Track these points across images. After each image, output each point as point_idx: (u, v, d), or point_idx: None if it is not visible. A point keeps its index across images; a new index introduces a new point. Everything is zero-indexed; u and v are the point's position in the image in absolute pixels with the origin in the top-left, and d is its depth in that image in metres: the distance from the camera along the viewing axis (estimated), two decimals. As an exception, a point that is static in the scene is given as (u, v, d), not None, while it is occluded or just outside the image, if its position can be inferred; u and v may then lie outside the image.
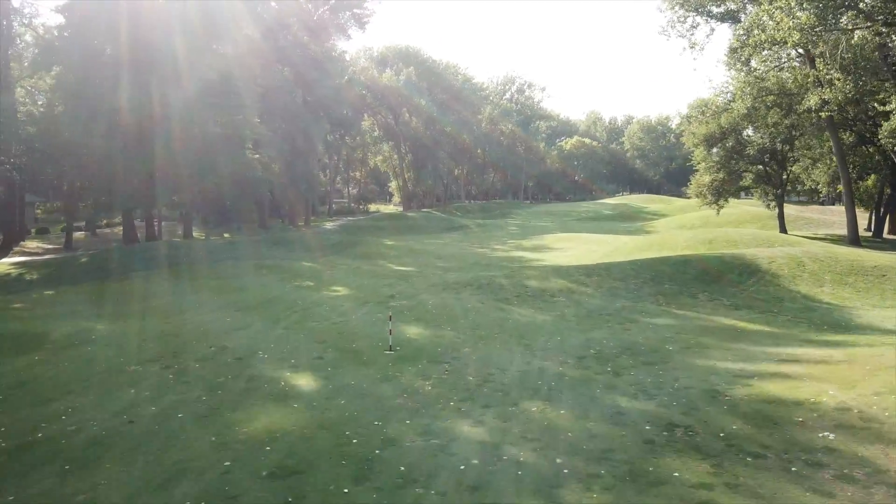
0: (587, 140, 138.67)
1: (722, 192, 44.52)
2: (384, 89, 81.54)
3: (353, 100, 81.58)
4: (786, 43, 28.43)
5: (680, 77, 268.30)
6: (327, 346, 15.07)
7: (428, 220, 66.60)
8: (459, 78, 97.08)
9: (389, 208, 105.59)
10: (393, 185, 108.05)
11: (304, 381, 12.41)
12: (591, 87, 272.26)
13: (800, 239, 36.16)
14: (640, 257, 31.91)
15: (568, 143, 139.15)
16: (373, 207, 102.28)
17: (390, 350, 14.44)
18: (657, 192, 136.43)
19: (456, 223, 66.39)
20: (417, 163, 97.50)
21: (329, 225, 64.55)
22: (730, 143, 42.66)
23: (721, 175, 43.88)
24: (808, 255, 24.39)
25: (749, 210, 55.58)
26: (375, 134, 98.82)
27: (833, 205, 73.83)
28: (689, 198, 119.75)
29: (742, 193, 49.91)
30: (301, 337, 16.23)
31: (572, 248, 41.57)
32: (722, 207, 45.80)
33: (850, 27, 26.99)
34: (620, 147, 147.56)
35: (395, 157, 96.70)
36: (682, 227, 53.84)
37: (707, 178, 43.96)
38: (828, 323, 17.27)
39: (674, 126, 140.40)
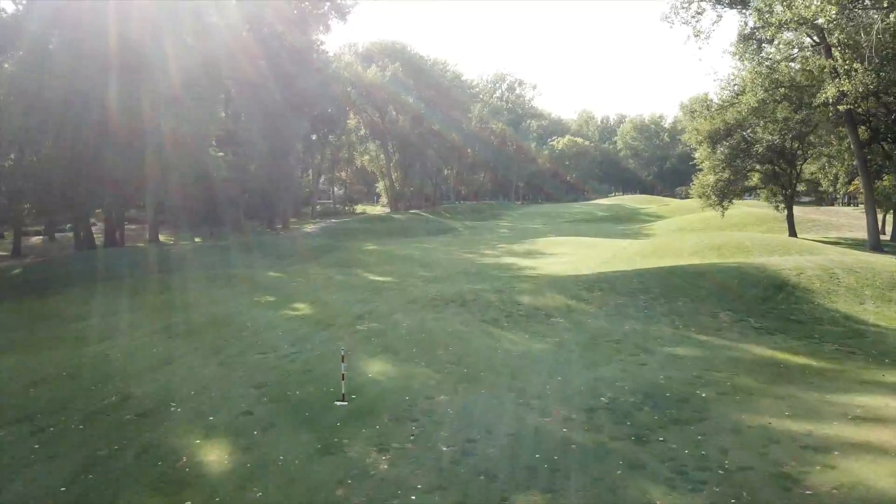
0: (579, 139, 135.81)
1: (727, 192, 41.53)
2: (369, 86, 78.23)
3: (336, 96, 78.33)
4: (811, 22, 25.40)
5: (674, 75, 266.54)
6: (264, 394, 11.76)
7: (415, 222, 63.32)
8: (448, 75, 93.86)
9: (376, 209, 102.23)
10: (380, 185, 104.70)
11: (216, 455, 9.09)
12: (583, 86, 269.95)
13: (816, 244, 33.18)
14: (643, 265, 28.81)
15: (559, 143, 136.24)
16: (359, 209, 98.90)
17: (342, 400, 11.16)
18: (650, 193, 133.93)
19: (444, 225, 63.16)
20: (405, 162, 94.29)
21: (310, 227, 61.12)
22: (735, 141, 39.68)
23: (726, 174, 40.89)
24: (840, 266, 21.31)
25: (752, 212, 52.70)
26: (361, 132, 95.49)
27: (832, 205, 71.23)
28: (683, 198, 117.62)
29: (746, 194, 46.86)
30: (236, 378, 12.92)
31: (567, 253, 38.42)
32: (726, 209, 42.80)
33: (887, 3, 23.98)
34: (613, 147, 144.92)
35: (382, 156, 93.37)
36: (682, 229, 50.88)
37: (711, 178, 40.95)
38: (888, 354, 14.14)
39: (667, 125, 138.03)
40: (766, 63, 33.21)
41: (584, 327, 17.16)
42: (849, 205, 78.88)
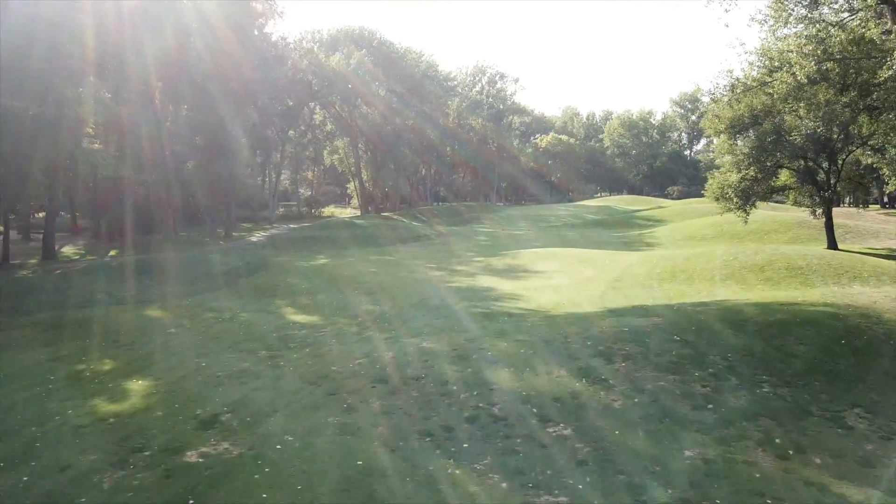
0: (564, 137, 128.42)
1: (752, 194, 33.85)
2: (333, 75, 69.74)
3: (290, 86, 69.83)
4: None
5: (663, 69, 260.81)
6: None
7: (381, 229, 55.03)
8: (422, 64, 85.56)
9: (346, 212, 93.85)
10: (352, 186, 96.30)
11: None
12: (567, 82, 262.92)
13: (885, 262, 25.50)
14: (666, 296, 20.90)
15: (543, 141, 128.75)
16: (328, 211, 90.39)
17: None
18: (639, 193, 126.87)
19: (415, 232, 54.94)
20: (376, 161, 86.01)
21: (257, 236, 52.60)
22: (763, 131, 32.00)
23: (752, 172, 33.23)
24: None
25: (772, 216, 45.19)
26: (328, 128, 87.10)
27: (838, 205, 63.91)
28: (675, 198, 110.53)
29: (774, 196, 39.26)
30: None
31: (559, 271, 30.45)
32: (749, 214, 35.12)
33: None
34: (599, 145, 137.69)
35: (351, 154, 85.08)
36: (692, 237, 43.20)
37: (735, 177, 33.21)
38: None
39: (657, 121, 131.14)
40: (818, 26, 25.48)
41: (613, 456, 9.10)
42: (854, 206, 72.00)
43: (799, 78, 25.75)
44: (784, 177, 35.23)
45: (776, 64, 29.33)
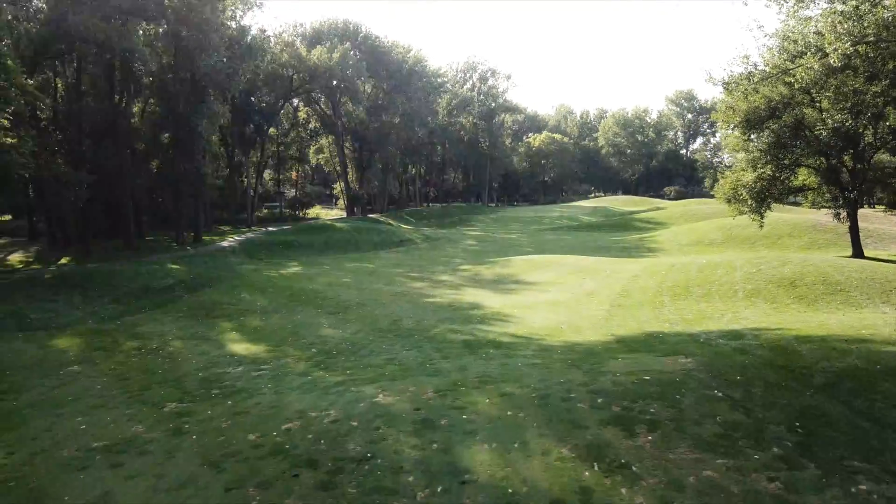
0: (557, 136, 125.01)
1: (768, 195, 30.41)
2: (315, 70, 65.92)
3: (272, 82, 66.02)
4: None
5: (658, 68, 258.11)
6: None
7: (363, 233, 51.31)
8: (410, 59, 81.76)
9: (333, 214, 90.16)
10: (338, 186, 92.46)
11: None
12: (560, 81, 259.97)
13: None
14: (682, 317, 17.41)
15: (536, 140, 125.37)
16: (313, 213, 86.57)
17: None
18: (634, 193, 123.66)
19: (399, 236, 51.26)
20: (362, 160, 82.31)
21: (230, 241, 48.78)
22: (782, 124, 28.57)
23: (768, 170, 29.80)
24: None
25: (783, 219, 41.80)
26: (311, 126, 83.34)
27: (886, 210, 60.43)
28: (672, 199, 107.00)
29: (791, 197, 35.80)
30: None
31: (554, 283, 26.92)
32: (764, 217, 31.67)
33: None
34: (594, 144, 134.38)
35: (337, 153, 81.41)
36: (698, 242, 39.73)
37: (750, 176, 29.75)
38: None
39: (652, 120, 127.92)
40: (852, 3, 22.05)
41: None
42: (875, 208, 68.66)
43: (832, 61, 22.27)
44: (803, 176, 31.83)
45: (800, 48, 25.89)
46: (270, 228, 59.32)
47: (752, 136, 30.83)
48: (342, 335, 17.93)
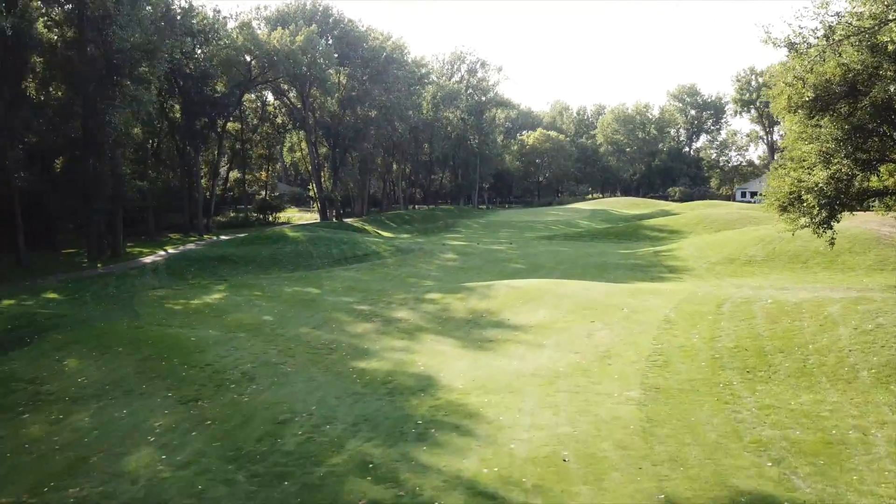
0: (553, 133, 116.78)
1: (843, 201, 22.11)
2: (276, 55, 57.35)
3: (227, 69, 57.51)
4: None
5: (658, 63, 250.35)
6: None
7: (320, 244, 42.81)
8: (388, 46, 73.17)
9: (307, 217, 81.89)
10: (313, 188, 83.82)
11: None
12: (555, 76, 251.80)
13: None
14: (798, 449, 8.94)
15: (530, 137, 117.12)
16: (284, 217, 78.15)
17: None
18: (635, 194, 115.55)
19: (363, 248, 42.78)
20: (335, 158, 73.93)
21: (156, 255, 40.25)
22: (873, 100, 20.28)
23: (846, 167, 21.52)
24: None
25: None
26: (279, 120, 74.92)
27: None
28: (678, 200, 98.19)
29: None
30: None
31: (553, 331, 18.57)
32: (835, 231, 23.39)
33: None
34: (592, 142, 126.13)
35: (309, 150, 73.12)
36: (733, 260, 31.27)
37: (821, 175, 21.43)
38: None
39: (654, 116, 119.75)
40: None
41: None
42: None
43: None
44: (886, 174, 23.54)
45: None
46: (223, 237, 50.84)
47: (820, 122, 22.50)
48: (157, 474, 9.49)
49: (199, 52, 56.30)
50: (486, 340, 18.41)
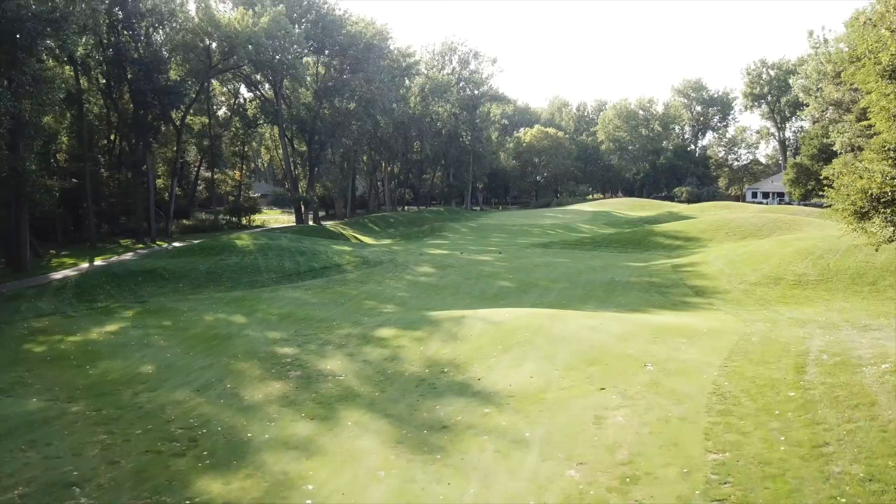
0: (551, 130, 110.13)
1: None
2: (236, 37, 50.65)
3: (186, 54, 50.91)
4: None
5: (661, 58, 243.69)
6: None
7: (271, 255, 36.12)
8: (369, 31, 66.43)
9: (285, 220, 75.39)
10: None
11: None
12: (554, 71, 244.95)
13: None
14: None
15: (527, 134, 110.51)
16: (258, 220, 71.51)
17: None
18: (639, 195, 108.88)
19: (324, 260, 36.07)
20: (312, 155, 67.30)
21: (77, 268, 33.63)
22: None
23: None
24: None
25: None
26: (249, 112, 68.30)
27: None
28: (686, 202, 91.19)
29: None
30: None
31: (541, 408, 12.06)
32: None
33: None
34: (592, 139, 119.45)
35: (282, 145, 66.57)
36: (778, 280, 24.55)
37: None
38: None
39: (658, 111, 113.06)
40: None
41: None
42: None
43: None
44: None
45: None
46: (175, 244, 44.18)
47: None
48: None
49: (155, 35, 49.99)
50: (436, 427, 11.76)
